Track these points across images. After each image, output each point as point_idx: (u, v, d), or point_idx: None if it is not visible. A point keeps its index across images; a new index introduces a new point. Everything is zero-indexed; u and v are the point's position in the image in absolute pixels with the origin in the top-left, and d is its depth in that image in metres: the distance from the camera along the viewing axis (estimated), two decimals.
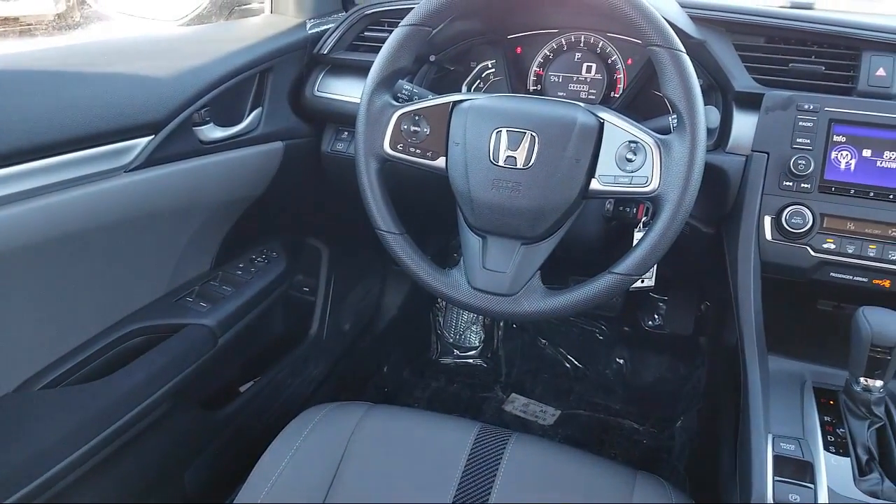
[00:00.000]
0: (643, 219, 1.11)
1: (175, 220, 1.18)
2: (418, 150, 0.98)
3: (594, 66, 1.27)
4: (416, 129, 0.97)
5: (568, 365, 2.03)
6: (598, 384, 1.96)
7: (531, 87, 1.32)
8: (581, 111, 0.92)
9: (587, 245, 1.16)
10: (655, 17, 0.87)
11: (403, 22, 0.97)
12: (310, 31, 1.35)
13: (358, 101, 1.01)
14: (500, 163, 0.92)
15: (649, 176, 0.88)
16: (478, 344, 2.11)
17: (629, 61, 1.24)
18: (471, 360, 2.08)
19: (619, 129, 0.90)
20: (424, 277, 0.98)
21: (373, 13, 1.32)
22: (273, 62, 1.26)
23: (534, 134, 0.91)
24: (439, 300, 2.08)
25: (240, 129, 1.22)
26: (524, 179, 0.92)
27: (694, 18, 1.11)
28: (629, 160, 0.89)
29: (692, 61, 1.12)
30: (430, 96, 1.02)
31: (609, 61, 1.26)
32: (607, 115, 0.91)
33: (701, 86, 1.16)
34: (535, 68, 1.30)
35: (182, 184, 1.13)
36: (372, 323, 1.93)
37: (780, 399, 0.94)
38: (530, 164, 0.91)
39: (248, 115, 1.24)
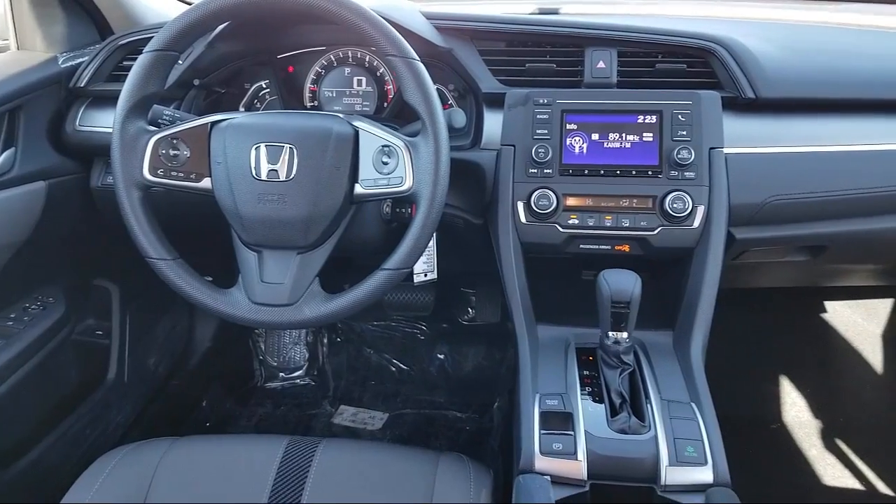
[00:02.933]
0: None
1: None
2: (181, 174, 0.97)
3: (364, 79, 1.33)
4: (175, 152, 0.97)
5: (394, 369, 2.08)
6: (423, 382, 2.03)
7: (308, 104, 1.35)
8: (337, 121, 0.97)
9: (372, 247, 1.21)
10: (387, 29, 0.93)
11: (147, 48, 0.96)
12: (63, 66, 1.29)
13: None
14: (263, 177, 0.94)
15: (403, 176, 0.94)
16: (303, 363, 2.10)
17: None
18: (298, 381, 2.07)
19: (372, 135, 0.96)
20: (203, 300, 0.98)
21: (127, 43, 1.28)
22: (22, 100, 1.20)
23: (292, 147, 0.94)
24: None
25: None
26: (289, 191, 0.94)
27: (440, 29, 1.20)
28: (385, 163, 0.95)
29: (447, 68, 1.23)
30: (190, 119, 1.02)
31: (378, 74, 1.33)
32: (361, 124, 0.97)
33: (458, 90, 1.28)
34: (308, 85, 1.34)
35: None
36: (184, 358, 1.87)
37: (548, 362, 1.05)
38: (292, 176, 0.94)
39: None
